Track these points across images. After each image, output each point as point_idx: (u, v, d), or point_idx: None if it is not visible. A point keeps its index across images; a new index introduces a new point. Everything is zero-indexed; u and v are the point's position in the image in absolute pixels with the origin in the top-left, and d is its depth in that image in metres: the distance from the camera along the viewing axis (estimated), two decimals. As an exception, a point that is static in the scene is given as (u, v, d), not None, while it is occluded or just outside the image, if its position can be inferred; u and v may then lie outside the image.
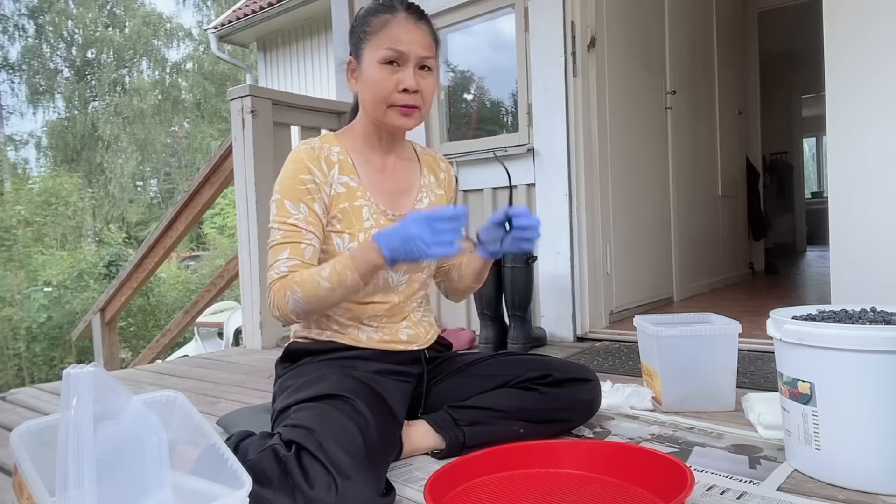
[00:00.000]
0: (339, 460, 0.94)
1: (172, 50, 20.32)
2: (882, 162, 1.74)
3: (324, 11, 5.97)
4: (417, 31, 1.24)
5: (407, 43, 1.22)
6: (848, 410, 1.01)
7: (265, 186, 2.77)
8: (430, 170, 1.43)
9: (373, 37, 1.24)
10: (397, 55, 1.22)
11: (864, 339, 0.98)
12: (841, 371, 1.01)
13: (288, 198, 1.22)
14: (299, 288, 1.14)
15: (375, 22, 1.24)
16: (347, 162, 1.29)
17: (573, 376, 1.33)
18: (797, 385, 1.06)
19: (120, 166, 17.74)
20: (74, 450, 0.76)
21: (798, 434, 1.08)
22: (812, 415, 1.04)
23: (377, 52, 1.22)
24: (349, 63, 1.31)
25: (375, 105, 1.25)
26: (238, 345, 4.77)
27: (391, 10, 1.25)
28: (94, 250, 11.34)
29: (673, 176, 3.40)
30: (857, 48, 1.83)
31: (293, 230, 1.21)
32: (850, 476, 1.03)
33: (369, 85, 1.24)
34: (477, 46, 3.06)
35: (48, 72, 19.08)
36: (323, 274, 1.13)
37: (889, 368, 0.98)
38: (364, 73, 1.25)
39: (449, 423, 1.24)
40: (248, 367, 2.39)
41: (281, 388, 1.26)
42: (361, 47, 1.26)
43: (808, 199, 8.03)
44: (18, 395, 2.04)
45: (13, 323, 8.44)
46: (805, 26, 4.77)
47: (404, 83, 1.22)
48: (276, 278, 1.18)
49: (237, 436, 1.12)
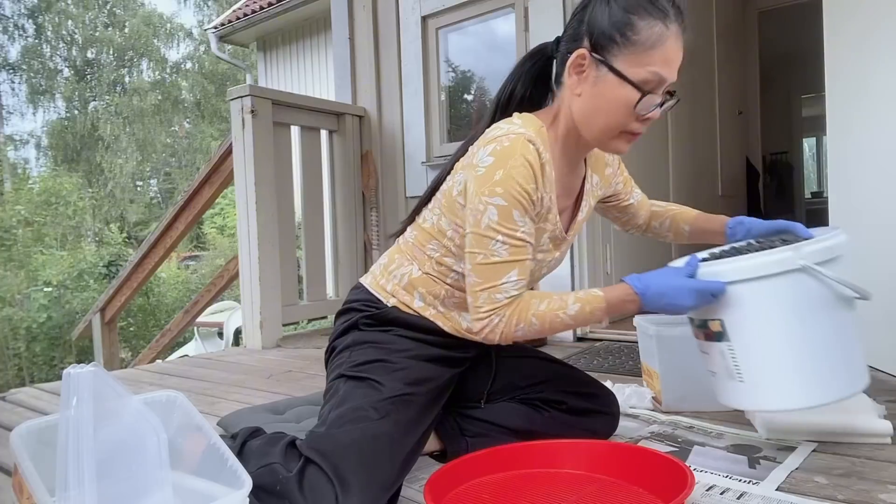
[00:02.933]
0: (351, 478, 0.91)
1: (172, 50, 20.33)
2: (882, 162, 1.74)
3: (324, 11, 5.96)
4: (680, 51, 1.04)
5: (671, 68, 1.03)
6: (758, 337, 1.05)
7: (265, 186, 2.77)
8: (595, 168, 1.27)
9: (637, 49, 1.00)
10: (657, 83, 1.03)
11: (755, 267, 1.02)
12: (743, 302, 1.03)
13: (516, 207, 1.02)
14: (537, 320, 1.04)
15: (646, 31, 1.00)
16: (552, 177, 1.10)
17: (591, 408, 1.27)
18: (708, 325, 1.09)
19: (120, 166, 17.72)
20: (74, 450, 0.76)
21: (721, 372, 1.11)
22: (728, 350, 1.07)
23: (637, 70, 1.01)
24: (580, 57, 1.05)
25: (607, 128, 1.06)
26: (238, 345, 4.77)
27: (665, 19, 1.01)
28: (94, 250, 11.32)
29: (673, 176, 3.40)
30: (857, 48, 1.83)
31: (519, 246, 1.04)
32: (772, 399, 1.07)
33: (610, 104, 1.04)
34: (477, 46, 3.06)
35: (48, 72, 19.07)
36: (570, 312, 1.04)
37: (784, 289, 1.02)
38: (605, 86, 1.03)
39: (455, 432, 1.22)
40: (248, 367, 2.39)
41: (356, 344, 1.16)
42: (613, 51, 1.02)
43: (808, 199, 8.02)
44: (18, 395, 2.04)
45: (13, 323, 8.43)
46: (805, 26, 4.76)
47: (651, 114, 1.05)
48: (505, 303, 1.04)
49: (243, 433, 1.10)
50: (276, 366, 2.38)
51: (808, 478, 1.08)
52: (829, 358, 1.04)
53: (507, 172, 1.02)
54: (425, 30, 3.11)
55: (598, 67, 1.04)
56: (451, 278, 1.15)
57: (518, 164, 1.02)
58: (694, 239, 1.36)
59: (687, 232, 1.36)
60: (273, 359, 2.53)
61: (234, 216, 6.18)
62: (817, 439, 1.24)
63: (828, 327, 1.04)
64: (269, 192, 2.79)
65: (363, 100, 3.34)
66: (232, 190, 3.22)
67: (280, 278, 2.83)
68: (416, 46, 3.11)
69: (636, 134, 1.08)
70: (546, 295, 1.06)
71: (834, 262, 1.02)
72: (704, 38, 3.88)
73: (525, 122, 1.08)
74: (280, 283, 2.83)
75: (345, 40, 3.37)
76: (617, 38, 1.01)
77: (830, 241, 1.02)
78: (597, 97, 1.05)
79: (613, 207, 1.39)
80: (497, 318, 1.04)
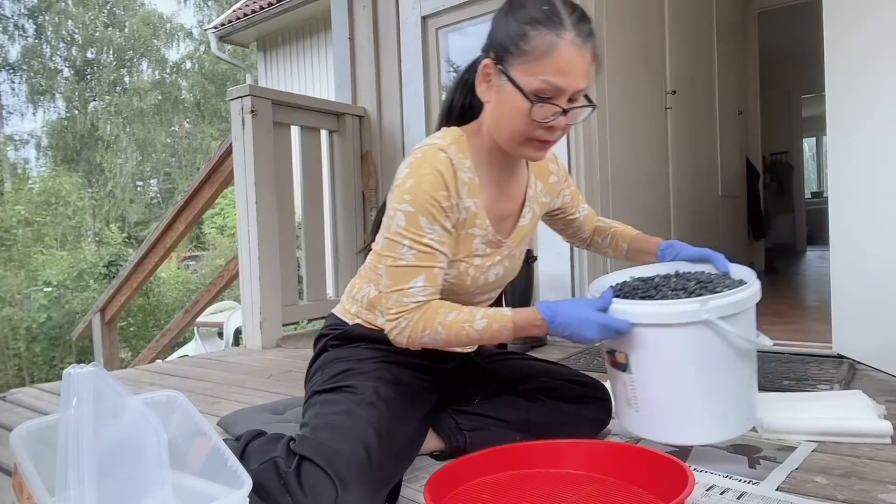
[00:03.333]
0: (348, 474, 0.92)
1: (172, 50, 20.33)
2: (882, 162, 1.74)
3: (324, 11, 5.96)
4: (581, 58, 1.04)
5: (568, 76, 1.03)
6: (657, 378, 1.09)
7: (265, 186, 2.77)
8: (539, 175, 1.29)
9: (529, 58, 1.03)
10: (554, 91, 1.04)
11: (662, 315, 1.05)
12: (647, 343, 1.07)
13: (423, 214, 1.06)
14: (443, 329, 1.07)
15: (537, 41, 1.02)
16: (475, 182, 1.14)
17: (583, 394, 1.30)
18: (615, 355, 1.13)
19: (120, 166, 17.73)
20: (74, 450, 0.76)
21: (621, 398, 1.15)
22: (630, 381, 1.11)
23: (531, 80, 1.03)
24: (485, 67, 1.09)
25: (512, 135, 1.09)
26: (238, 345, 4.77)
27: (558, 28, 1.02)
28: (94, 250, 11.32)
29: (673, 176, 3.40)
30: (856, 48, 1.83)
31: (428, 252, 1.07)
32: (662, 433, 1.12)
33: (509, 112, 1.07)
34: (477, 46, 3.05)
35: (48, 72, 19.08)
36: (476, 326, 1.06)
37: (686, 338, 1.05)
38: (505, 95, 1.07)
39: (452, 427, 1.23)
40: (248, 367, 2.39)
41: (324, 364, 1.21)
42: (510, 61, 1.05)
43: (808, 199, 8.02)
44: (18, 395, 2.04)
45: (13, 323, 8.43)
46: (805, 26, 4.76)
47: (553, 123, 1.06)
48: (412, 308, 1.07)
49: (247, 435, 1.11)
50: (276, 366, 2.38)
51: (808, 478, 1.08)
52: (721, 404, 1.09)
53: (417, 181, 1.07)
54: (425, 30, 3.11)
55: (500, 77, 1.07)
56: None
57: (427, 173, 1.07)
58: (630, 257, 1.38)
59: (624, 250, 1.39)
60: (273, 359, 2.53)
61: (234, 216, 6.18)
62: (817, 439, 1.24)
63: (723, 377, 1.07)
64: (269, 192, 2.80)
65: (363, 100, 3.34)
66: (232, 190, 3.22)
67: (280, 278, 2.83)
68: (417, 46, 3.11)
69: (546, 141, 1.09)
70: (457, 307, 1.09)
71: (738, 316, 1.05)
72: (704, 38, 3.88)
73: (445, 133, 1.15)
74: (280, 283, 2.84)
75: (345, 40, 3.38)
76: (512, 49, 1.05)
77: (736, 297, 1.04)
78: (499, 106, 1.09)
79: (560, 220, 1.42)
80: (404, 322, 1.08)
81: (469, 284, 1.19)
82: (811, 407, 1.37)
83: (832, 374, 1.75)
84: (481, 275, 1.21)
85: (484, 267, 1.21)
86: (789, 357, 2.01)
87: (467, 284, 1.19)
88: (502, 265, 1.24)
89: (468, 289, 1.20)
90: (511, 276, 1.29)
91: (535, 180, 1.28)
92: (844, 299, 1.93)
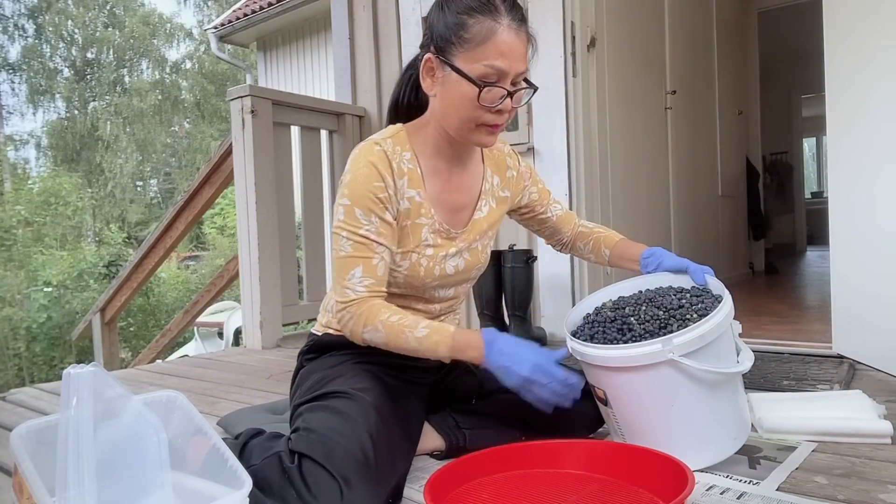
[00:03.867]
0: (347, 470, 0.93)
1: (172, 50, 20.34)
2: (882, 162, 1.74)
3: (324, 11, 5.96)
4: (519, 41, 1.08)
5: (510, 59, 1.07)
6: (634, 414, 1.11)
7: (265, 186, 2.77)
8: (496, 170, 1.31)
9: (470, 45, 1.06)
10: (498, 75, 1.07)
11: (626, 358, 1.06)
12: (619, 384, 1.10)
13: (359, 206, 1.12)
14: (384, 329, 1.10)
15: (475, 28, 1.06)
16: (416, 173, 1.18)
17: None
18: (596, 390, 1.15)
19: (120, 166, 17.74)
20: (74, 450, 0.76)
21: (611, 426, 1.18)
22: (612, 414, 1.14)
23: (474, 66, 1.06)
24: (427, 61, 1.13)
25: (461, 123, 1.12)
26: (238, 345, 4.77)
27: (494, 14, 1.06)
28: (94, 250, 11.32)
29: (673, 176, 3.40)
30: (857, 48, 1.83)
31: (364, 243, 1.12)
32: None
33: (457, 100, 1.10)
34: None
35: (48, 72, 19.09)
36: (416, 333, 1.08)
37: (653, 378, 1.05)
38: (451, 85, 1.10)
39: (451, 425, 1.24)
40: (248, 367, 2.39)
41: (302, 380, 1.23)
42: (452, 52, 1.09)
43: (808, 199, 8.03)
44: (18, 395, 2.04)
45: (13, 323, 8.43)
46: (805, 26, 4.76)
47: (501, 106, 1.09)
48: (354, 300, 1.12)
49: (246, 434, 1.11)
50: (276, 366, 2.38)
51: (808, 478, 1.08)
52: (704, 432, 1.10)
53: (353, 175, 1.13)
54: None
55: (444, 68, 1.11)
56: None
57: (361, 166, 1.13)
58: (614, 264, 1.37)
59: (607, 256, 1.38)
60: (273, 359, 2.53)
61: (234, 216, 6.18)
62: (817, 439, 1.24)
63: (701, 406, 1.08)
64: (269, 192, 2.80)
65: (363, 100, 3.34)
66: (232, 190, 3.22)
67: (280, 278, 2.83)
68: (417, 47, 3.10)
69: (495, 126, 1.12)
70: (404, 312, 1.13)
71: (707, 347, 1.04)
72: (704, 38, 3.88)
73: (385, 130, 1.21)
74: (280, 283, 2.84)
75: (345, 40, 3.37)
76: (453, 39, 1.08)
77: (700, 331, 1.03)
78: (446, 96, 1.12)
79: (532, 220, 1.42)
80: (348, 315, 1.12)
81: (423, 275, 1.20)
82: (811, 407, 1.37)
83: (832, 374, 1.75)
84: (436, 265, 1.21)
85: (437, 258, 1.21)
86: (789, 357, 2.01)
87: (421, 275, 1.20)
88: (461, 257, 1.25)
89: (423, 280, 1.21)
90: (474, 269, 1.29)
91: (491, 174, 1.30)
92: (844, 299, 1.93)
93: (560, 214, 1.43)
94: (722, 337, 1.07)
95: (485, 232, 1.29)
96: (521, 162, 1.38)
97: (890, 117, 1.70)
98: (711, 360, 1.05)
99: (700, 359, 1.04)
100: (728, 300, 1.11)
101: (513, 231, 2.74)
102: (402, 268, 1.19)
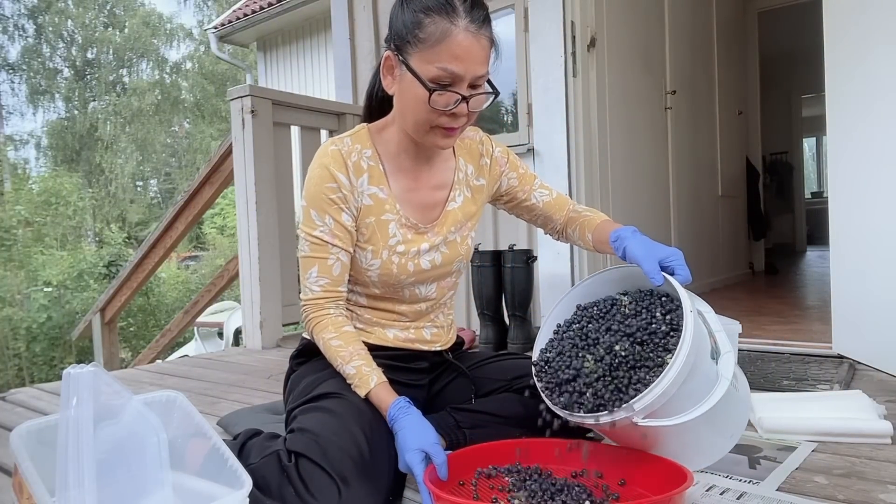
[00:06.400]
0: (344, 468, 0.93)
1: (172, 50, 20.36)
2: (882, 162, 1.74)
3: (324, 11, 5.97)
4: (477, 44, 1.05)
5: (465, 63, 1.03)
6: (623, 442, 1.08)
7: (265, 186, 2.77)
8: (469, 158, 1.28)
9: (425, 46, 1.03)
10: (452, 78, 1.04)
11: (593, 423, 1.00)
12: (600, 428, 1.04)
13: (313, 207, 1.13)
14: (324, 347, 1.14)
15: (431, 28, 1.03)
16: (378, 170, 1.17)
17: None
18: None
19: (120, 166, 17.74)
20: (74, 450, 0.76)
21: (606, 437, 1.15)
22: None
23: (428, 67, 1.04)
24: (387, 59, 1.11)
25: (416, 125, 1.10)
26: (238, 345, 4.77)
27: (451, 15, 1.03)
28: (94, 250, 11.33)
29: (673, 176, 3.40)
30: (856, 48, 1.83)
31: (318, 244, 1.14)
32: None
33: (411, 101, 1.08)
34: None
35: (48, 72, 19.09)
36: (346, 369, 1.11)
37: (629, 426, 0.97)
38: (406, 85, 1.08)
39: (451, 425, 1.24)
40: (248, 367, 2.39)
41: (293, 384, 1.23)
42: (408, 51, 1.06)
43: (808, 199, 8.03)
44: (18, 395, 2.04)
45: (13, 323, 8.43)
46: (805, 26, 4.77)
47: (455, 110, 1.06)
48: (311, 298, 1.16)
49: (244, 434, 1.12)
50: (276, 366, 2.38)
51: (808, 478, 1.08)
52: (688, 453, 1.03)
53: (308, 177, 1.16)
54: (425, 30, 3.11)
55: (401, 67, 1.08)
56: (351, 301, 1.25)
57: (315, 168, 1.15)
58: (598, 249, 1.28)
59: (591, 240, 1.28)
60: (273, 359, 2.53)
61: (234, 216, 6.18)
62: (817, 439, 1.25)
63: (686, 435, 1.01)
64: (269, 192, 2.80)
65: (363, 100, 3.34)
66: (232, 190, 3.22)
67: (280, 278, 2.84)
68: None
69: (451, 129, 1.09)
70: (353, 339, 1.14)
71: (672, 399, 0.94)
72: (704, 38, 3.88)
73: (351, 130, 1.22)
74: (280, 283, 2.84)
75: (345, 40, 3.37)
76: (409, 38, 1.05)
77: (659, 388, 0.93)
78: (402, 95, 1.10)
79: (516, 207, 1.37)
80: (305, 314, 1.17)
81: (397, 272, 1.19)
82: (811, 407, 1.37)
83: (832, 374, 1.75)
84: (409, 262, 1.20)
85: (409, 254, 1.19)
86: (789, 357, 2.01)
87: (395, 272, 1.19)
88: (437, 251, 1.23)
89: (398, 277, 1.20)
90: (454, 262, 1.27)
91: (464, 164, 1.27)
92: (844, 299, 1.93)
93: (548, 200, 1.35)
94: (691, 373, 0.95)
95: (462, 223, 1.26)
96: (496, 147, 1.32)
97: (890, 117, 1.70)
98: (685, 399, 0.95)
99: (673, 403, 0.94)
100: (689, 324, 0.95)
101: (513, 231, 2.73)
102: (374, 266, 1.18)
